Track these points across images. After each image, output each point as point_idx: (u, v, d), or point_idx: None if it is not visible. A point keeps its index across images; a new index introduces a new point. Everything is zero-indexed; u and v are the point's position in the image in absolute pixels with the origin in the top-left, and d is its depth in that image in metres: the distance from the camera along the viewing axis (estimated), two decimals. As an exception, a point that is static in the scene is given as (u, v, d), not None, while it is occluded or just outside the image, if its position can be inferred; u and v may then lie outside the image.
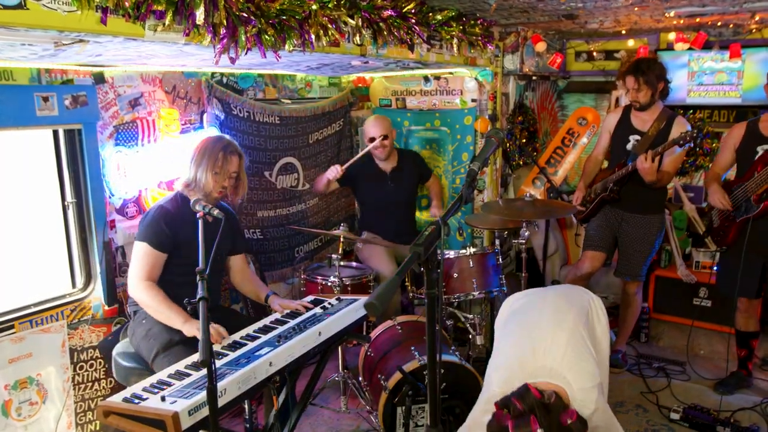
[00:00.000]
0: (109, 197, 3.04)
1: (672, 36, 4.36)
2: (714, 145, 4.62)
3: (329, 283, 3.44)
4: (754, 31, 4.29)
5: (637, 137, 3.64)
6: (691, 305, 4.28)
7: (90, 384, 3.02)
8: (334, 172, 3.82)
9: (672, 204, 4.52)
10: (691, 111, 4.61)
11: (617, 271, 3.91)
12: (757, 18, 3.91)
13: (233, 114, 3.59)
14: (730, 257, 3.47)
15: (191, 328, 2.46)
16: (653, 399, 3.61)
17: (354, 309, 2.76)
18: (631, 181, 3.61)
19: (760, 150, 3.32)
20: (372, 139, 3.97)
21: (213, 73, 3.47)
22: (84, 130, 2.88)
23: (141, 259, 2.62)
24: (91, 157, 2.92)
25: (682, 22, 4.08)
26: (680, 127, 3.52)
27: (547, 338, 2.02)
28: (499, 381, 1.98)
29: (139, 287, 2.58)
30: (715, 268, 4.31)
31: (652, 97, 3.56)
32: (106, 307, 3.05)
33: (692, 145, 3.70)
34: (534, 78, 4.75)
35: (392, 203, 4.09)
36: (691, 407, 3.38)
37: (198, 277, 1.92)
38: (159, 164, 3.18)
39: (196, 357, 2.28)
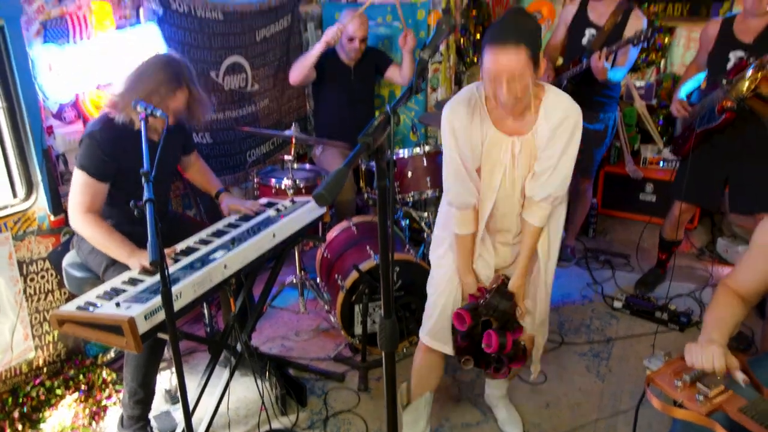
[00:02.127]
0: (44, 101, 2.86)
1: None
2: (666, 40, 4.61)
3: (283, 186, 3.40)
4: None
5: (593, 31, 3.59)
6: (638, 200, 4.43)
7: (43, 296, 2.97)
8: (335, 31, 3.75)
9: (623, 101, 4.56)
10: (646, 4, 4.55)
11: (568, 168, 3.97)
12: None
13: (172, 9, 3.36)
14: (687, 165, 3.37)
15: (136, 261, 2.29)
16: (598, 290, 3.79)
17: (308, 210, 2.74)
18: (585, 78, 3.59)
19: (732, 57, 3.14)
20: (351, 39, 3.81)
21: (146, -37, 3.20)
22: (6, 26, 2.64)
23: (81, 189, 2.40)
24: (18, 57, 2.69)
25: None
26: (636, 20, 3.47)
27: None
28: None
29: (79, 220, 2.40)
30: (661, 164, 4.45)
31: None
32: (52, 218, 2.95)
33: (647, 45, 3.62)
34: (490, -30, 4.58)
35: (354, 101, 4.00)
36: (633, 296, 3.57)
37: (143, 179, 1.84)
38: (95, 64, 2.97)
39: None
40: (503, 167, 2.08)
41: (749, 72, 2.84)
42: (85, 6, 2.92)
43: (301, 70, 3.86)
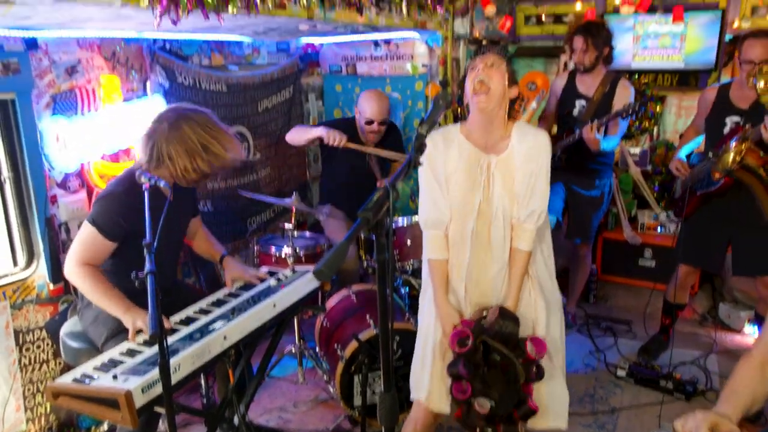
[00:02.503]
0: (49, 171, 2.91)
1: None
2: (658, 108, 4.74)
3: (283, 254, 3.41)
4: (695, -6, 4.37)
5: (583, 102, 3.70)
6: (637, 266, 4.43)
7: (38, 366, 2.93)
8: (339, 139, 3.50)
9: (618, 167, 4.64)
10: (636, 75, 4.70)
11: (567, 233, 4.00)
12: (699, -18, 3.99)
13: (178, 82, 3.47)
14: (688, 227, 3.42)
15: (131, 318, 2.25)
16: (601, 357, 3.74)
17: (308, 279, 2.74)
18: (579, 146, 3.67)
19: (729, 122, 3.20)
20: (370, 122, 3.66)
21: (155, 39, 3.33)
22: (18, 99, 2.72)
23: (84, 243, 2.34)
24: (27, 128, 2.77)
25: (627, -15, 4.13)
26: (623, 90, 3.58)
27: None
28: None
29: (76, 271, 2.33)
30: (659, 229, 4.49)
31: (597, 60, 3.60)
32: (52, 286, 2.95)
33: (635, 117, 3.72)
34: (484, 43, 4.74)
35: (364, 178, 3.81)
36: (636, 364, 3.52)
37: (146, 251, 1.85)
38: (102, 135, 3.04)
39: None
40: (480, 185, 2.19)
41: (733, 144, 2.90)
42: (95, 80, 3.03)
43: (297, 141, 3.75)
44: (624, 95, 3.54)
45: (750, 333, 4.02)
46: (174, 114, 2.38)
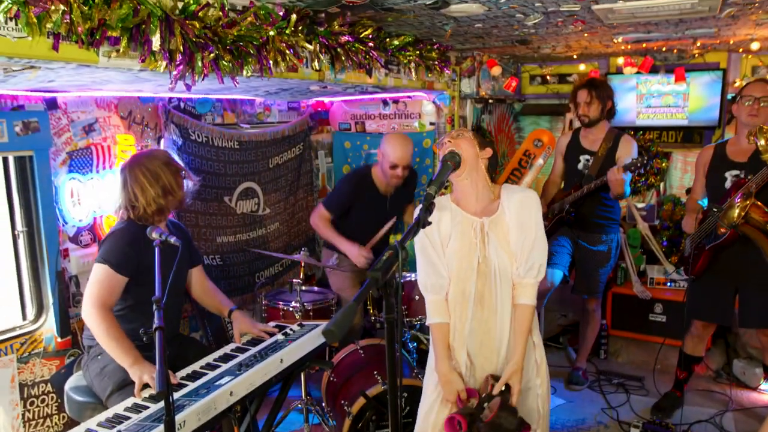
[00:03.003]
0: (63, 225, 2.96)
1: (621, 60, 4.54)
2: (663, 164, 4.79)
3: (291, 309, 3.41)
4: (696, 56, 4.49)
5: (588, 157, 3.75)
6: (647, 321, 4.39)
7: (41, 420, 2.90)
8: (363, 259, 3.61)
9: (626, 222, 4.65)
10: (641, 132, 4.77)
11: (575, 288, 3.98)
12: (698, 44, 4.10)
13: (191, 139, 3.56)
14: (697, 283, 3.41)
15: (138, 372, 2.26)
16: (613, 415, 3.66)
17: (316, 335, 2.73)
18: (586, 201, 3.69)
19: (728, 176, 3.25)
20: (394, 166, 3.57)
21: (170, 98, 3.44)
22: (36, 157, 2.80)
23: (99, 282, 2.41)
24: (43, 184, 2.84)
25: (629, 47, 4.25)
26: (626, 144, 3.63)
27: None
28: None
29: (92, 314, 2.38)
30: (668, 284, 4.46)
31: (601, 114, 3.67)
32: (59, 339, 2.95)
33: (642, 171, 3.77)
34: (490, 101, 4.85)
35: (381, 221, 3.77)
36: (650, 422, 3.44)
37: (154, 306, 1.87)
38: (116, 191, 3.10)
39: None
40: (476, 246, 2.21)
41: (737, 200, 2.94)
42: (111, 138, 3.11)
43: (322, 234, 3.84)
44: (627, 147, 3.60)
45: (766, 390, 3.94)
46: (128, 162, 2.61)
